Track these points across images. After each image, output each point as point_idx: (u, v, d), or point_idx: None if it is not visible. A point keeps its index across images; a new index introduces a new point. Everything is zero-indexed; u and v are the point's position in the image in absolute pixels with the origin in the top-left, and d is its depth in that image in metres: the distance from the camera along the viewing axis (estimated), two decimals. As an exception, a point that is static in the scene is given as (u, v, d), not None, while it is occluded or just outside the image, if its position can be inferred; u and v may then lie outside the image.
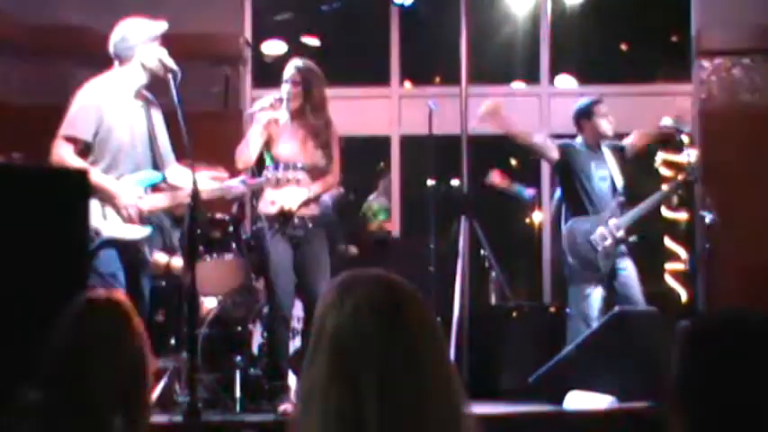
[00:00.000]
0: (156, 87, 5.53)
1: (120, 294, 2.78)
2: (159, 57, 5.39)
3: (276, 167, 5.65)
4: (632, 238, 6.84)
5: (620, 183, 6.86)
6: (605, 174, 6.84)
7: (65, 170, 4.98)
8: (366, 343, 1.65)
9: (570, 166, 6.84)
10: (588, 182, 6.80)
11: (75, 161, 5.25)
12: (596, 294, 6.67)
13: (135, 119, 5.45)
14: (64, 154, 5.26)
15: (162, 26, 5.46)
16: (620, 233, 6.73)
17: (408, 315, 1.69)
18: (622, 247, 6.76)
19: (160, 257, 6.38)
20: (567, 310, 6.91)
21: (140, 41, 5.42)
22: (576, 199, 6.84)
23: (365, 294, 1.69)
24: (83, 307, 2.58)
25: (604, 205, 6.79)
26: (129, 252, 5.35)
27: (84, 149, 5.31)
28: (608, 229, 6.71)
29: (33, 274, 3.59)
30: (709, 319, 1.97)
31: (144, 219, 5.36)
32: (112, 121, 5.34)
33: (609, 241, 6.69)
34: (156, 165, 5.53)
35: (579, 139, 6.93)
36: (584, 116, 6.91)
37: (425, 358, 1.68)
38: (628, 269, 6.72)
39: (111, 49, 5.46)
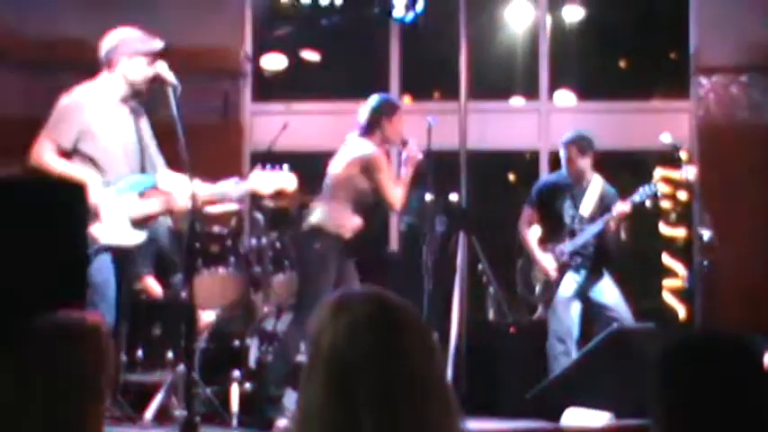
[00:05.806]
0: (155, 100, 5.53)
1: (94, 318, 2.72)
2: (146, 73, 5.41)
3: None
4: (578, 260, 6.88)
5: (585, 211, 6.90)
6: (575, 210, 6.94)
7: (63, 182, 4.97)
8: (361, 361, 1.64)
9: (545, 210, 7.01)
10: (560, 218, 6.97)
11: (54, 161, 5.24)
12: (573, 311, 6.78)
13: (121, 125, 5.44)
14: (44, 153, 5.25)
15: (156, 45, 5.45)
16: (564, 258, 6.87)
17: (403, 332, 1.69)
18: (581, 271, 6.85)
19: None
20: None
21: (127, 53, 5.42)
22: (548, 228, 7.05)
23: (359, 312, 1.68)
24: (54, 332, 2.52)
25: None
26: (123, 259, 5.35)
27: (66, 153, 5.32)
28: (554, 254, 6.90)
29: (31, 288, 3.58)
30: (683, 341, 1.99)
31: (138, 224, 5.36)
32: (96, 127, 5.33)
33: (552, 271, 6.87)
34: (145, 170, 5.53)
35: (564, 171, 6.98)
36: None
37: (421, 375, 1.67)
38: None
39: (100, 54, 5.48)
